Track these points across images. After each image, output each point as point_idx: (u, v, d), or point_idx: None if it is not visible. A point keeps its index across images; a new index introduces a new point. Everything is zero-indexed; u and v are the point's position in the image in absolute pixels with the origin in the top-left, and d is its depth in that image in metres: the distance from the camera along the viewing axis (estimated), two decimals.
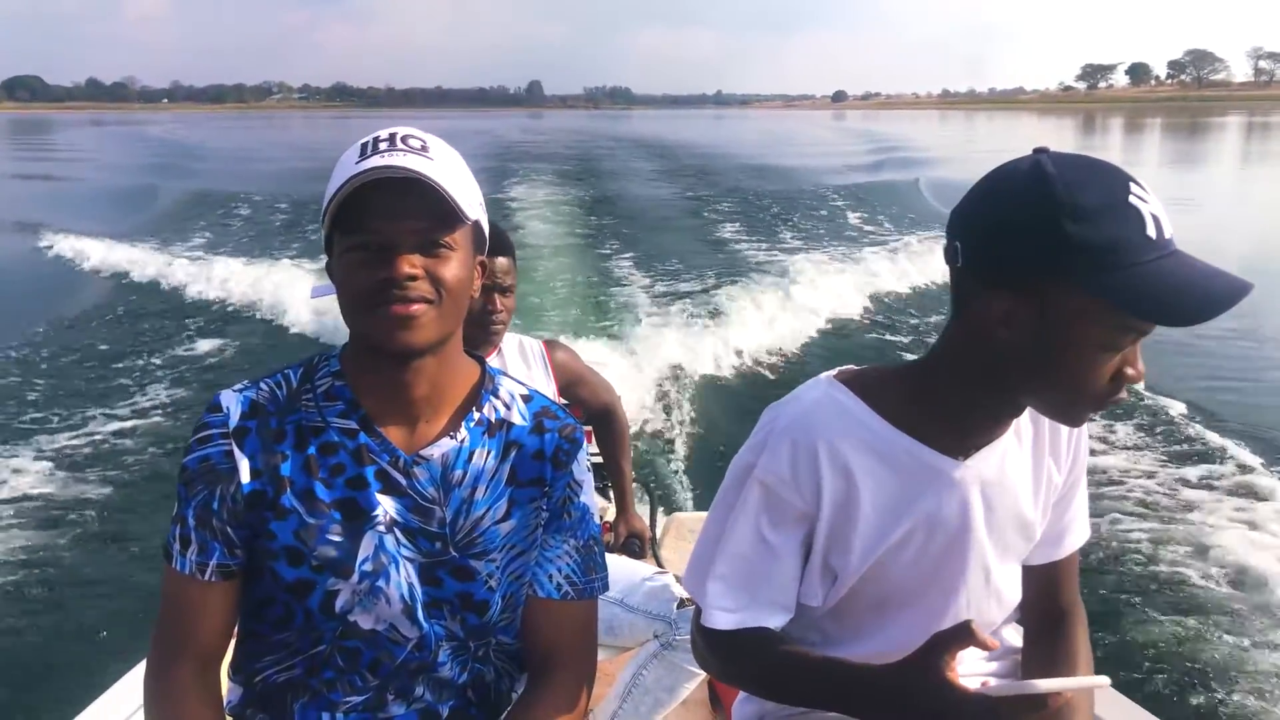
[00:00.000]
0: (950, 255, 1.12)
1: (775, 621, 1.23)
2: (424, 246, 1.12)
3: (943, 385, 1.17)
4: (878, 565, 1.21)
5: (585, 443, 1.31)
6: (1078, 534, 1.36)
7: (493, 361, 2.21)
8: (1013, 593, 1.31)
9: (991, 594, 1.27)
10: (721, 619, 1.22)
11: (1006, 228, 1.06)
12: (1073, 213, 1.02)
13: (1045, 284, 1.04)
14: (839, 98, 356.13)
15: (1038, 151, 1.08)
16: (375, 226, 1.11)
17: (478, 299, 2.04)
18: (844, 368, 1.26)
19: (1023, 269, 1.05)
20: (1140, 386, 7.10)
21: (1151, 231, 1.02)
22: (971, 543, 1.22)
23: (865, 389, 1.20)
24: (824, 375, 1.24)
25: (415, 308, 1.12)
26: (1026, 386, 1.11)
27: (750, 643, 1.22)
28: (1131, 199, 1.02)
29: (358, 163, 1.12)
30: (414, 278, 1.11)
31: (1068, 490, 1.32)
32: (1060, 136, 60.19)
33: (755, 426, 1.24)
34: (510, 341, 2.38)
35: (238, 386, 1.23)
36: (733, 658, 1.24)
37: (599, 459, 2.74)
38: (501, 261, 2.18)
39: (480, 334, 2.17)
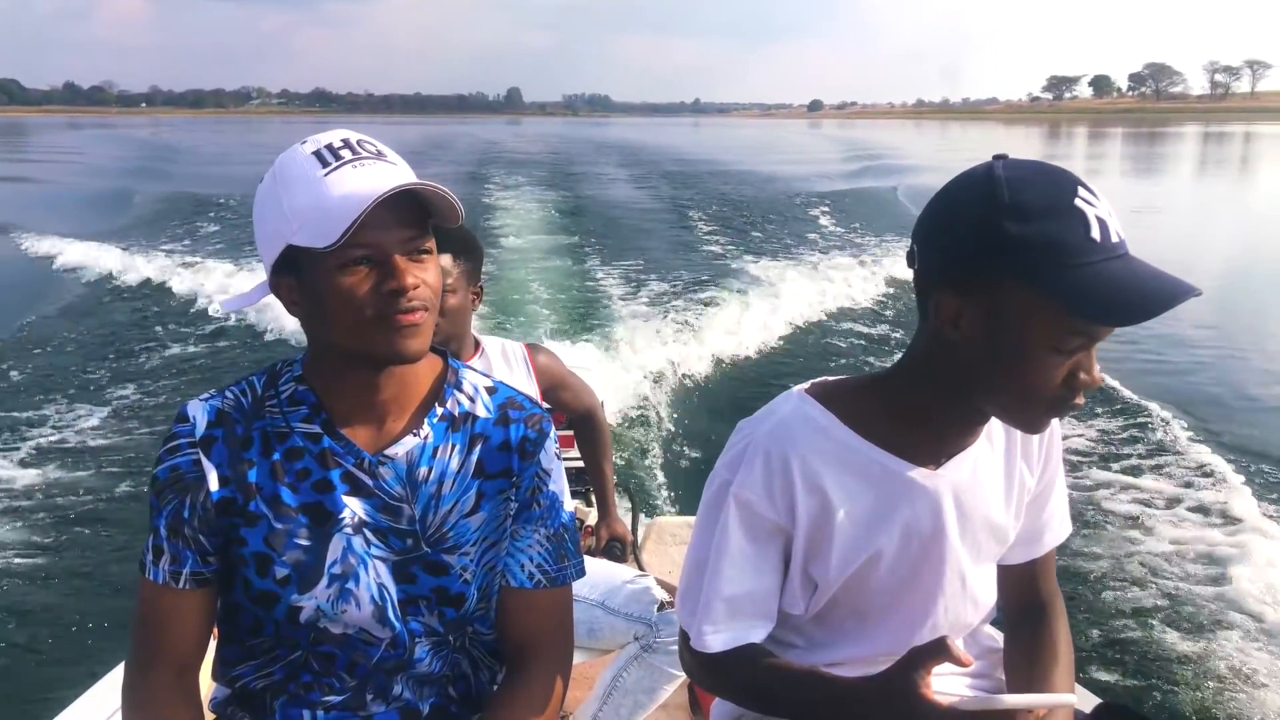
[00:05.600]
0: (910, 259, 1.16)
1: (759, 635, 1.25)
2: (410, 254, 1.13)
3: (911, 393, 1.19)
4: (855, 576, 1.22)
5: (554, 431, 1.31)
6: (1055, 531, 1.38)
7: (476, 364, 2.21)
8: (988, 595, 1.33)
9: (968, 598, 1.29)
10: (712, 641, 1.23)
11: (952, 229, 1.09)
12: (1014, 213, 1.04)
13: (991, 284, 1.06)
14: (815, 107, 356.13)
15: (996, 158, 1.10)
16: (370, 239, 1.09)
17: None
18: (816, 380, 1.27)
19: (967, 269, 1.08)
20: (1154, 404, 7.11)
21: (1096, 234, 1.03)
22: (947, 550, 1.23)
23: (836, 401, 1.21)
24: (796, 389, 1.25)
25: (419, 315, 1.13)
26: (980, 390, 1.12)
27: (737, 659, 1.23)
28: (1077, 202, 1.04)
29: (326, 175, 1.11)
30: (416, 286, 1.12)
31: (1042, 491, 1.33)
32: (1029, 145, 60.88)
33: (728, 441, 1.25)
34: (493, 345, 2.39)
35: (204, 396, 1.23)
36: (721, 673, 1.26)
37: (580, 463, 2.75)
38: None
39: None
